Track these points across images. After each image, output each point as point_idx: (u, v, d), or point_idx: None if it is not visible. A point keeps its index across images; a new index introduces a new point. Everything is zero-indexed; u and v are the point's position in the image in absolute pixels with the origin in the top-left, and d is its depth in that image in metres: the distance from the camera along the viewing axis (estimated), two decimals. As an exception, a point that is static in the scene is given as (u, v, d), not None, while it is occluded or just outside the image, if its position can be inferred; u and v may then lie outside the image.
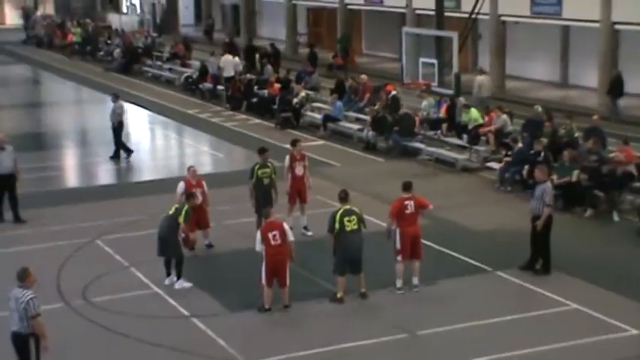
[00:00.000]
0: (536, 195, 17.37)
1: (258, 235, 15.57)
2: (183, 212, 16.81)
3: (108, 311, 15.76)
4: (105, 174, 27.53)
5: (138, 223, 20.56)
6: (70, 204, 22.77)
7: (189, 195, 17.55)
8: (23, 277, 12.32)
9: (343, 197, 16.23)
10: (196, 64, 42.02)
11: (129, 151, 28.12)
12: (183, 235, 16.95)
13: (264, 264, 15.42)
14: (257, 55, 41.08)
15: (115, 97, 28.49)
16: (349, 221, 15.81)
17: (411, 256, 16.40)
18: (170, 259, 16.91)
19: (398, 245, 16.29)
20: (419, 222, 16.62)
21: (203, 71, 39.74)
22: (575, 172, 21.43)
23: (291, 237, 15.66)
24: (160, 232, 16.93)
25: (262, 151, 19.67)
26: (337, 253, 15.95)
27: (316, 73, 36.61)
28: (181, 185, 18.63)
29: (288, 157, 19.85)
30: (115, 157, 27.80)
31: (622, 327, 14.77)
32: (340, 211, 15.92)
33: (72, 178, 27.48)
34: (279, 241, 15.43)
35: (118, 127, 27.84)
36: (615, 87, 30.97)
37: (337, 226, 15.79)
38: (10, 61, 54.98)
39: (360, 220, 15.99)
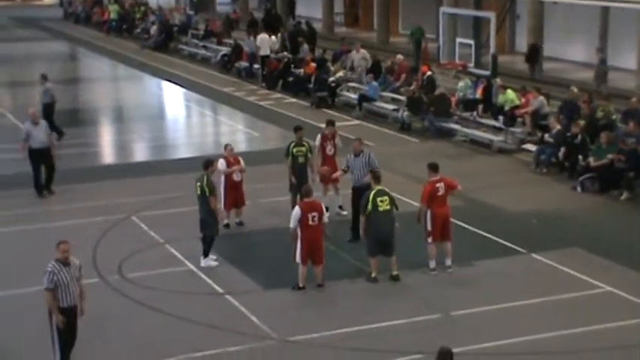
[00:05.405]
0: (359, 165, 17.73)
1: (297, 211, 15.54)
2: (205, 185, 16.67)
3: (143, 287, 15.90)
4: (141, 151, 27.73)
5: (173, 200, 20.69)
6: (106, 180, 22.95)
7: (207, 162, 17.16)
8: (57, 249, 12.51)
9: (377, 178, 16.24)
10: (231, 42, 42.03)
11: (60, 133, 27.17)
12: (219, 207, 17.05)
13: (299, 242, 15.46)
14: (280, 34, 40.71)
15: (44, 79, 28.00)
16: (382, 201, 15.83)
17: (442, 237, 16.40)
18: (206, 236, 16.99)
19: (429, 227, 16.29)
20: (448, 203, 16.61)
21: (237, 50, 39.84)
22: (610, 155, 21.20)
23: (325, 219, 15.72)
24: (199, 211, 16.96)
25: (297, 129, 19.71)
26: (369, 235, 15.97)
27: (353, 52, 36.42)
28: (222, 162, 18.63)
29: (319, 137, 19.87)
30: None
31: (657, 311, 14.70)
32: (373, 192, 15.95)
33: (108, 155, 27.68)
34: (316, 222, 15.47)
35: (49, 108, 27.29)
36: (532, 55, 35.31)
37: (370, 206, 15.81)
38: (48, 37, 55.38)
39: (392, 202, 16.00)
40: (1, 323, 14.64)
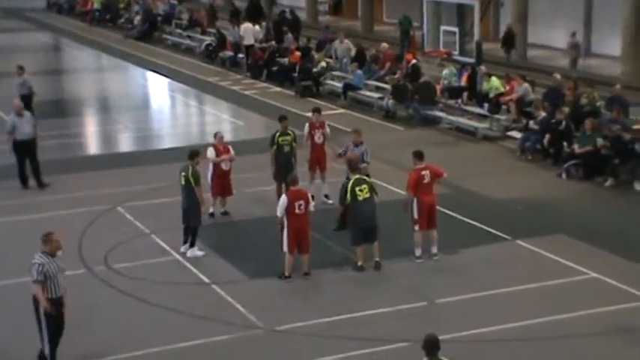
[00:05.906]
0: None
1: (284, 200, 15.54)
2: (191, 175, 16.62)
3: (129, 277, 15.88)
4: (125, 141, 27.65)
5: (158, 191, 20.63)
6: (91, 171, 22.88)
7: (193, 153, 17.07)
8: (44, 241, 12.48)
9: (354, 168, 16.30)
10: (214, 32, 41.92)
11: None
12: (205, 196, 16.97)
13: (286, 232, 15.47)
14: (265, 23, 40.63)
15: (21, 70, 27.64)
16: (360, 190, 15.86)
17: (428, 225, 16.43)
18: (189, 226, 16.95)
19: (415, 215, 16.31)
20: (434, 191, 16.65)
21: (220, 40, 39.75)
22: (600, 140, 21.25)
23: (311, 207, 15.74)
24: (182, 201, 16.96)
25: (282, 118, 19.67)
26: (352, 224, 15.99)
27: (336, 41, 36.37)
28: (212, 150, 18.61)
29: (307, 125, 19.87)
30: None
31: (642, 296, 14.78)
32: (351, 182, 15.99)
33: (93, 145, 27.59)
34: (303, 211, 15.49)
35: (27, 99, 26.37)
36: (508, 40, 36.22)
37: (349, 196, 15.84)
38: (31, 27, 55.08)
39: (372, 189, 16.03)
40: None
